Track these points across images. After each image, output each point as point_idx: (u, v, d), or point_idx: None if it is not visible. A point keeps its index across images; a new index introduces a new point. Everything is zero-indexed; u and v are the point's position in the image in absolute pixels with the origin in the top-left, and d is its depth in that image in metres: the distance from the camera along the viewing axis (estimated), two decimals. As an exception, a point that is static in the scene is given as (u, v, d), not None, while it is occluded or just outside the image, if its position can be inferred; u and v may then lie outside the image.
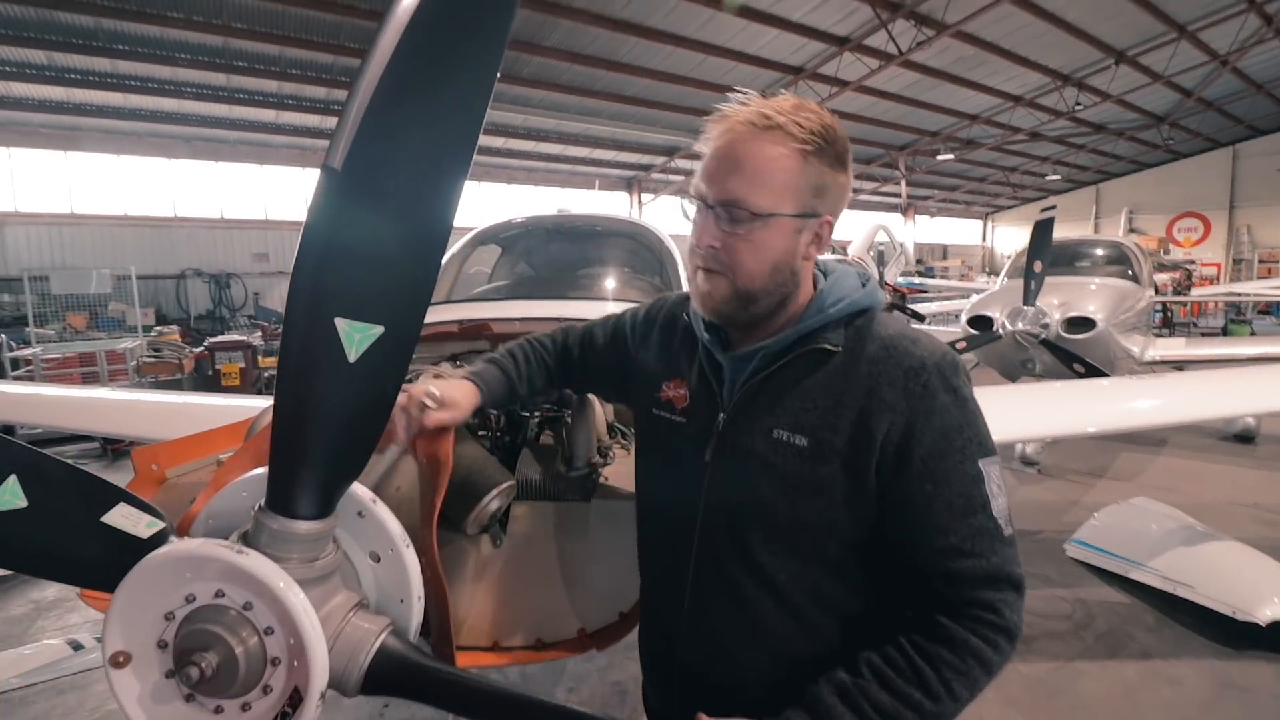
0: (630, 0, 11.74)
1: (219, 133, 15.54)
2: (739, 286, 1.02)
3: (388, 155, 0.74)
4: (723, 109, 1.01)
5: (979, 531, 0.94)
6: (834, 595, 1.03)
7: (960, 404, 0.98)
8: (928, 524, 0.95)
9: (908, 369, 0.98)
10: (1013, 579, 0.95)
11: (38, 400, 4.03)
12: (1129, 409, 3.69)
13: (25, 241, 14.36)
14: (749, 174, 0.97)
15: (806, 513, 1.00)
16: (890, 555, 0.99)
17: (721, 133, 1.00)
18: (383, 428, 0.91)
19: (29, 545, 0.89)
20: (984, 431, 0.99)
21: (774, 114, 0.97)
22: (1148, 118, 21.66)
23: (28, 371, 8.55)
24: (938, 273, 25.89)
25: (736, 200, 0.98)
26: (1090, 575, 4.25)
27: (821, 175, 1.00)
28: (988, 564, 0.93)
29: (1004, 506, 0.97)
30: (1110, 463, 6.55)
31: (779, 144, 0.97)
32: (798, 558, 1.02)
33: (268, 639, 0.85)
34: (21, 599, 4.11)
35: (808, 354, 1.03)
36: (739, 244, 1.00)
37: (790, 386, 1.03)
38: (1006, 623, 0.93)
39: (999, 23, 13.77)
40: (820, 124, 0.98)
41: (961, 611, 0.93)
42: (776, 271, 1.02)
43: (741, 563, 1.05)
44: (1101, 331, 6.03)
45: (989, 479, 0.96)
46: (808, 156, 0.98)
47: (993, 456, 0.98)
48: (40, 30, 10.70)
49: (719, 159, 1.00)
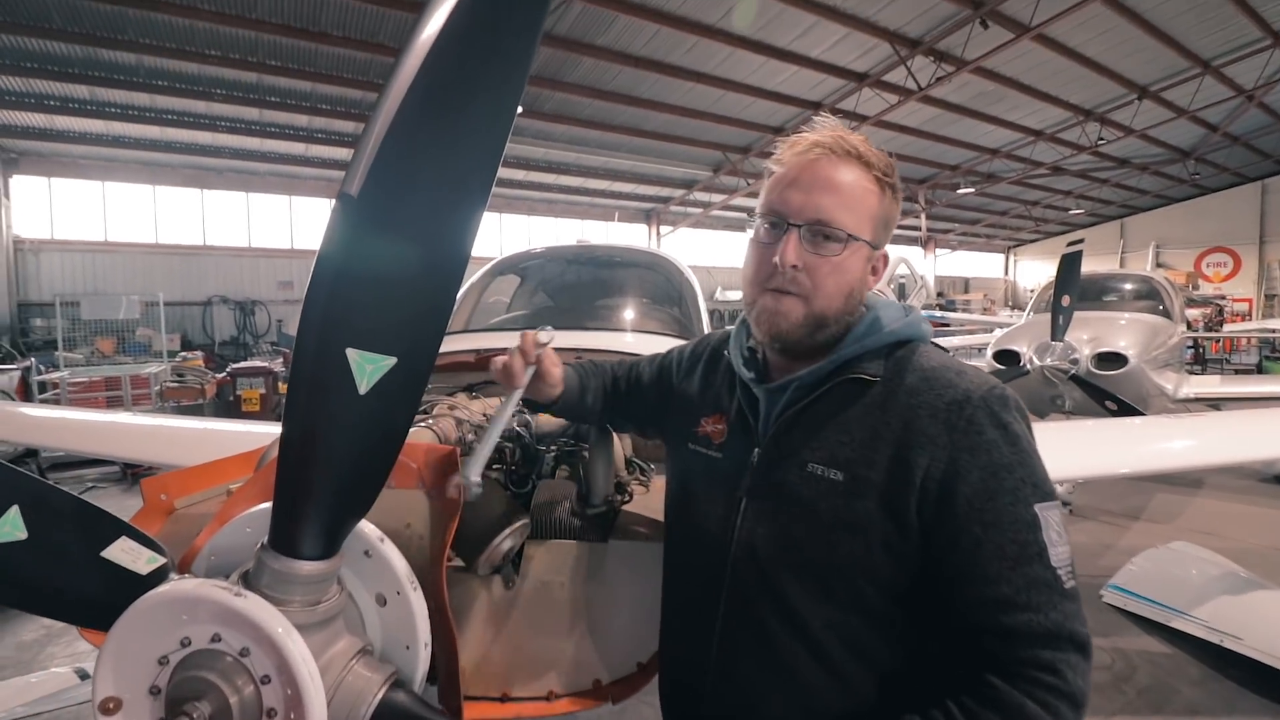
0: (651, 38, 11.98)
1: (250, 164, 16.01)
2: (815, 309, 0.99)
3: (406, 183, 0.72)
4: (803, 132, 1.03)
5: (1035, 582, 0.85)
6: (874, 648, 0.95)
7: (1011, 441, 0.90)
8: (977, 573, 0.87)
9: (950, 401, 0.92)
10: (1076, 638, 0.85)
11: (61, 423, 4.06)
12: (1165, 449, 3.54)
13: (60, 268, 14.78)
14: (840, 196, 0.98)
15: (843, 554, 0.93)
16: (937, 607, 0.91)
17: (800, 153, 1.00)
18: (393, 462, 0.87)
19: (25, 579, 0.86)
20: (1040, 473, 0.91)
21: (853, 143, 1.00)
22: (1173, 152, 21.50)
23: (54, 395, 8.70)
24: (959, 306, 25.66)
25: (829, 221, 0.97)
26: (1129, 623, 4.04)
27: (891, 209, 1.03)
28: (1046, 620, 0.84)
29: (1065, 556, 0.88)
30: (1145, 504, 6.32)
31: (863, 172, 1.00)
32: (834, 604, 0.95)
33: (264, 688, 0.80)
34: (34, 624, 4.09)
35: (844, 384, 0.99)
36: (823, 265, 0.98)
37: (827, 419, 0.99)
38: (1070, 687, 0.82)
39: (1019, 59, 13.83)
40: (887, 161, 1.02)
41: (1016, 672, 0.83)
42: (850, 298, 1.01)
43: (774, 608, 0.98)
44: (1134, 368, 5.87)
45: (1047, 525, 0.88)
46: (884, 188, 1.01)
47: (1051, 501, 0.90)
48: (85, 66, 11.16)
49: (804, 180, 0.99)
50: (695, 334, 2.83)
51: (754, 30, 12.07)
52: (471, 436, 1.56)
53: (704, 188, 20.24)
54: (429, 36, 0.67)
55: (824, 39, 12.62)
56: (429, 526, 1.13)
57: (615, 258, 3.70)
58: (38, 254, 14.54)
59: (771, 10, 11.37)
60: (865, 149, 1.00)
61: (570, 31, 11.57)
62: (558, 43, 11.69)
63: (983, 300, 28.15)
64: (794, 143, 1.02)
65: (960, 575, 0.88)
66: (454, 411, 1.60)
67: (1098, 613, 4.16)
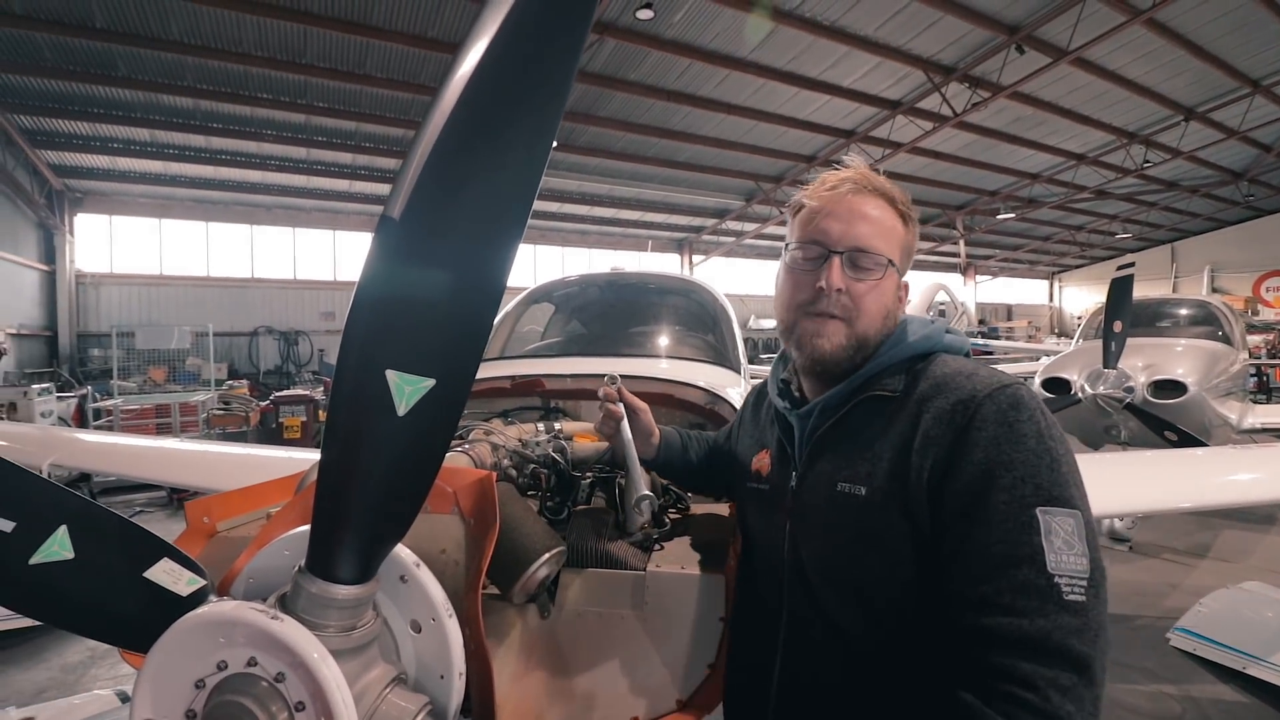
0: (683, 72, 12.20)
1: (297, 200, 16.69)
2: (857, 331, 1.05)
3: (446, 208, 0.72)
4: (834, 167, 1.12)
5: (1022, 586, 0.79)
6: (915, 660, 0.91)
7: (1014, 440, 0.86)
8: (962, 570, 0.84)
9: (956, 402, 0.93)
10: (1069, 654, 0.76)
11: (113, 449, 4.20)
12: (1231, 481, 3.35)
13: (118, 301, 15.52)
14: (874, 225, 1.05)
15: (871, 566, 0.94)
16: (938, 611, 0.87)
17: (831, 188, 1.08)
18: (430, 485, 0.86)
19: (70, 598, 0.87)
20: (1050, 477, 0.85)
21: (876, 181, 1.08)
22: (1224, 174, 20.83)
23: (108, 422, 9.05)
24: (1003, 334, 25.02)
25: (868, 247, 1.04)
26: (1199, 669, 3.79)
27: (911, 239, 1.11)
28: (1031, 626, 0.77)
29: (1073, 567, 0.80)
30: (1212, 541, 5.97)
31: (888, 205, 1.08)
32: (874, 617, 0.94)
33: (298, 715, 0.78)
34: (80, 646, 4.18)
35: (866, 402, 1.03)
36: (865, 289, 1.05)
37: (851, 437, 1.03)
38: (1052, 708, 0.74)
39: (1057, 83, 13.65)
40: (906, 195, 1.10)
41: (991, 686, 0.77)
42: (887, 319, 1.07)
43: (823, 625, 0.99)
44: (1194, 396, 5.59)
45: (1049, 530, 0.81)
46: (906, 221, 1.09)
47: (1063, 508, 0.83)
48: (146, 111, 11.87)
49: (839, 212, 1.06)
50: (731, 361, 2.80)
51: (785, 62, 12.20)
52: (507, 462, 1.55)
53: (736, 217, 20.32)
54: (469, 68, 0.68)
55: (856, 68, 12.67)
56: (464, 552, 1.11)
57: (649, 285, 3.70)
58: (98, 287, 15.30)
59: (802, 42, 11.49)
60: (888, 185, 1.09)
61: (604, 68, 11.86)
62: (591, 79, 11.98)
63: (1027, 328, 27.42)
64: (824, 180, 1.10)
65: (948, 574, 0.86)
66: (490, 437, 1.59)
67: (1164, 657, 3.91)
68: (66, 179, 14.12)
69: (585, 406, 2.16)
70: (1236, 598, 4.20)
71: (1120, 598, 4.78)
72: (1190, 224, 26.85)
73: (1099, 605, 0.81)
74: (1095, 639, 0.78)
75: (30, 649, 4.13)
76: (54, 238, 14.27)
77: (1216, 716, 3.35)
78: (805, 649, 1.01)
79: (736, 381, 2.56)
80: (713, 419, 1.98)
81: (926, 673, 0.88)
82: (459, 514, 1.14)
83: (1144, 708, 3.42)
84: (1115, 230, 26.63)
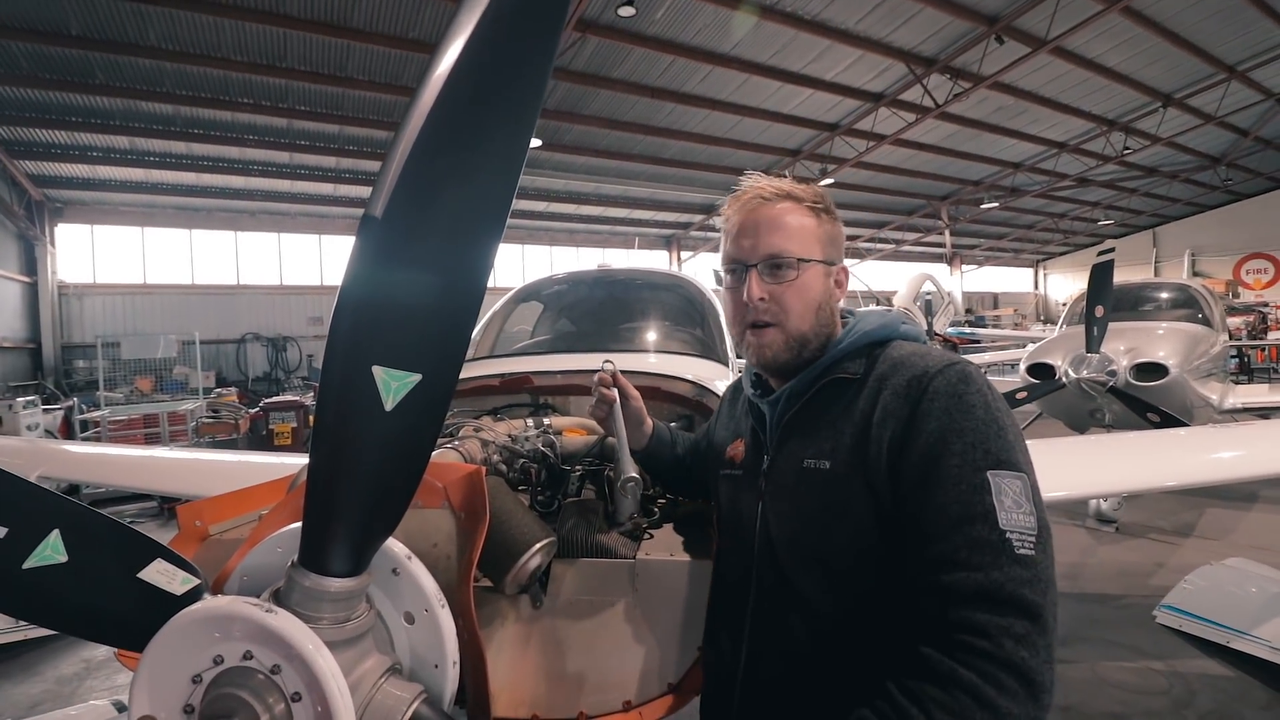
0: (666, 68, 12.21)
1: (281, 206, 16.54)
2: (790, 331, 1.12)
3: (428, 204, 0.74)
4: (736, 190, 1.20)
5: (976, 542, 0.84)
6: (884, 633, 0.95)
7: (964, 410, 0.93)
8: (919, 532, 0.89)
9: (910, 378, 1.00)
10: (1022, 603, 0.81)
11: (101, 460, 4.17)
12: (1213, 460, 3.40)
13: (101, 311, 15.34)
14: (781, 231, 1.12)
15: (837, 537, 0.99)
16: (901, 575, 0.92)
17: (740, 208, 1.17)
18: (419, 479, 0.88)
19: (66, 601, 0.88)
20: (998, 443, 0.91)
21: (779, 186, 1.16)
22: (1203, 159, 21.09)
23: (95, 433, 8.96)
24: (989, 322, 25.22)
25: (778, 253, 1.11)
26: (1186, 645, 3.86)
27: (830, 229, 1.16)
28: (985, 579, 0.82)
29: (1022, 524, 0.86)
30: (1196, 520, 6.07)
31: (795, 206, 1.14)
32: (840, 589, 0.99)
33: (295, 705, 0.79)
34: (73, 658, 4.16)
35: (829, 385, 1.10)
36: (786, 291, 1.11)
37: (817, 418, 1.09)
38: (1006, 655, 0.78)
39: (1037, 73, 13.78)
40: (815, 190, 1.17)
41: (949, 638, 0.81)
42: (820, 312, 1.13)
43: (791, 601, 1.04)
44: (1176, 378, 5.68)
45: (999, 490, 0.87)
46: (818, 214, 1.15)
47: (1012, 471, 0.89)
48: (125, 118, 11.72)
49: (748, 227, 1.14)
50: (718, 354, 2.82)
51: (768, 56, 12.23)
52: (497, 457, 1.56)
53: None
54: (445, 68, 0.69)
55: (838, 61, 12.73)
56: (456, 546, 1.13)
57: (636, 280, 3.72)
58: (80, 298, 15.12)
59: (785, 36, 11.52)
60: (792, 187, 1.16)
61: (587, 66, 11.84)
62: (575, 77, 11.96)
63: (1013, 315, 27.64)
64: (732, 200, 1.19)
65: (906, 536, 0.91)
66: (479, 433, 1.61)
67: (1151, 634, 3.98)
68: (46, 189, 13.92)
69: (574, 402, 2.18)
70: (1221, 574, 4.27)
71: (1108, 578, 4.86)
72: (1171, 209, 27.17)
73: (1047, 561, 0.85)
74: (1045, 590, 0.83)
75: (24, 662, 4.10)
76: (35, 249, 14.07)
77: (1202, 690, 3.42)
78: (773, 622, 1.06)
79: (724, 374, 2.58)
80: (700, 411, 2.00)
81: (890, 640, 0.92)
82: (449, 508, 1.15)
83: (1131, 683, 3.49)
84: (1098, 217, 26.89)
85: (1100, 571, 5.03)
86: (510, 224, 9.88)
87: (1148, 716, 3.23)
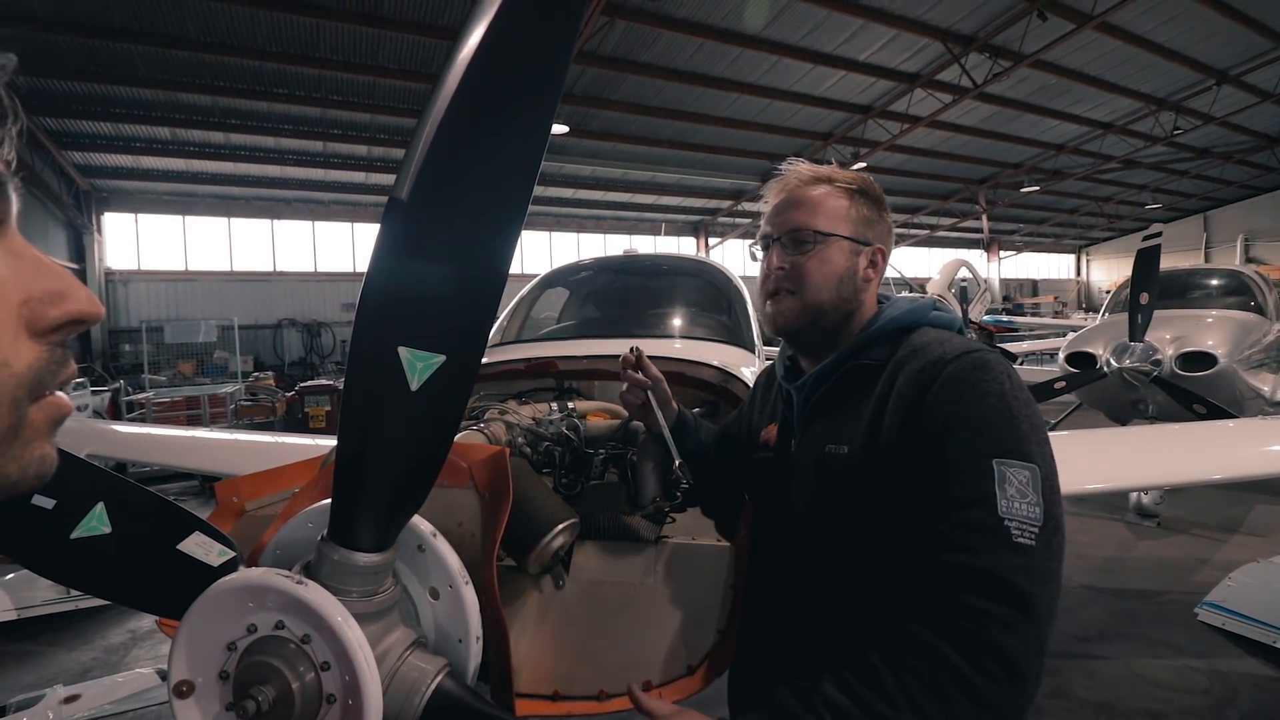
0: (695, 52, 12.06)
1: (316, 194, 16.88)
2: (806, 299, 1.14)
3: (452, 187, 0.74)
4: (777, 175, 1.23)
5: (973, 526, 0.85)
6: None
7: (976, 397, 0.93)
8: (920, 514, 0.90)
9: (925, 364, 1.00)
10: (1012, 590, 0.80)
11: (146, 440, 4.34)
12: (1263, 453, 3.27)
13: (146, 297, 15.88)
14: (807, 208, 1.16)
15: (856, 520, 1.01)
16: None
17: (777, 190, 1.21)
18: (444, 458, 0.89)
19: (108, 569, 0.92)
20: (1008, 432, 0.90)
21: (819, 171, 1.19)
22: (1259, 139, 20.14)
23: (140, 414, 9.30)
24: (1028, 310, 24.56)
25: (799, 227, 1.15)
26: (1228, 644, 3.74)
27: (864, 209, 1.17)
28: (978, 561, 0.82)
29: (1025, 514, 0.85)
30: (1243, 516, 5.86)
31: (830, 186, 1.17)
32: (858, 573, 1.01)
33: (324, 674, 0.82)
34: (120, 628, 4.35)
35: (853, 371, 1.11)
36: (805, 262, 1.14)
37: (840, 403, 1.12)
38: (992, 639, 0.78)
39: (1081, 50, 13.26)
40: (856, 175, 1.19)
41: (938, 618, 0.82)
42: (841, 285, 1.14)
43: (819, 584, 1.06)
44: (1224, 368, 5.46)
45: (1003, 479, 0.86)
46: (853, 195, 1.17)
47: (1020, 461, 0.88)
48: (166, 110, 12.06)
49: (780, 206, 1.19)
50: (745, 340, 2.80)
51: (799, 37, 12.00)
52: (521, 439, 1.58)
53: (752, 198, 20.13)
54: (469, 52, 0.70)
55: (872, 41, 12.43)
56: (480, 524, 1.14)
57: (662, 266, 3.71)
58: (126, 284, 15.67)
59: (816, 16, 11.29)
60: (832, 172, 1.19)
61: (615, 50, 11.77)
62: (602, 62, 11.90)
63: (1054, 303, 26.89)
64: (771, 185, 1.23)
65: (910, 518, 0.91)
66: (504, 416, 1.63)
67: (1191, 632, 3.87)
68: (93, 179, 14.42)
69: (599, 387, 2.19)
70: (1268, 571, 4.12)
71: (1147, 573, 4.73)
72: (1223, 192, 26.03)
73: (1049, 553, 0.84)
74: (1041, 581, 0.82)
75: (75, 631, 4.30)
76: (83, 237, 14.61)
77: (1245, 690, 3.32)
78: (802, 603, 1.09)
79: (750, 360, 2.57)
80: (725, 397, 1.99)
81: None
82: (474, 488, 1.17)
83: (1168, 680, 3.40)
84: (1144, 201, 25.91)
85: (1139, 567, 4.91)
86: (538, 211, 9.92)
87: (1186, 715, 3.14)
